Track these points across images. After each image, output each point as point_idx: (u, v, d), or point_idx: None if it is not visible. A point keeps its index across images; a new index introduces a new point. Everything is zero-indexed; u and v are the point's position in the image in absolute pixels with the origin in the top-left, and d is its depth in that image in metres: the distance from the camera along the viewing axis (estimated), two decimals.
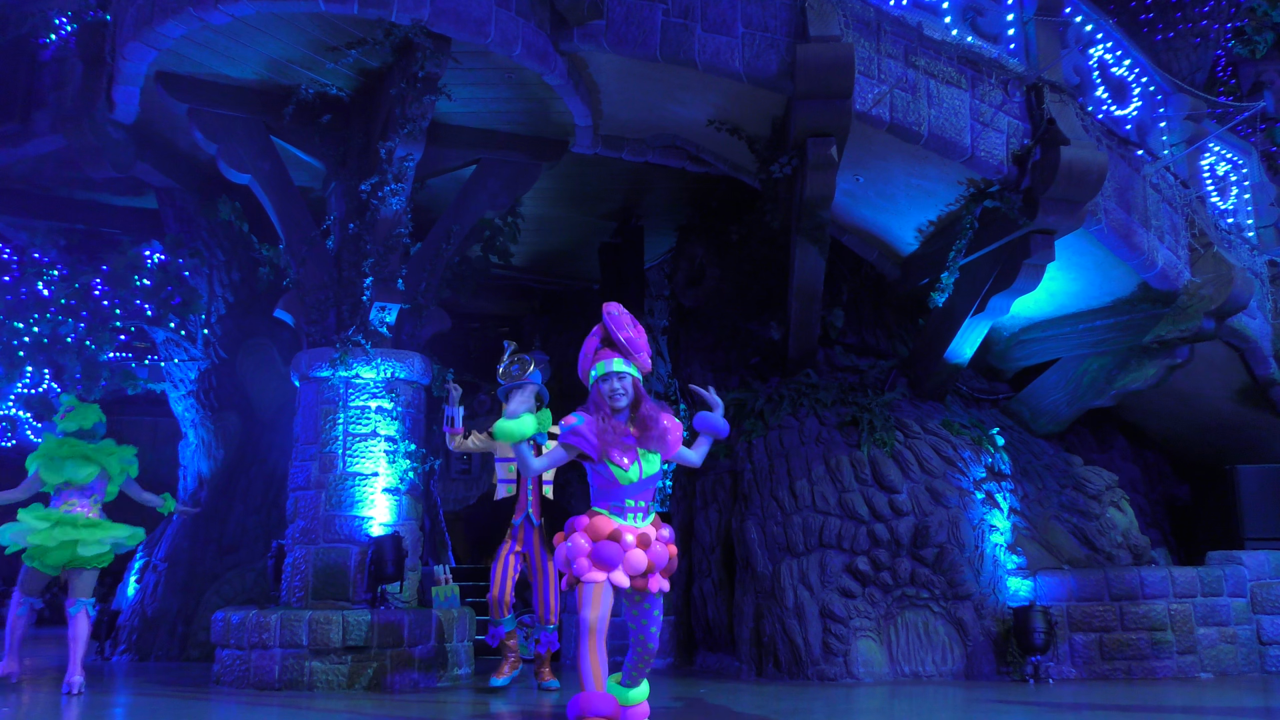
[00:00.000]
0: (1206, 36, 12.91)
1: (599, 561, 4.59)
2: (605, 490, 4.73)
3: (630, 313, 4.94)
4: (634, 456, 4.69)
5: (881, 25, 7.75)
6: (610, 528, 4.64)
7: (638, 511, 4.72)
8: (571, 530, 4.75)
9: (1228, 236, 9.46)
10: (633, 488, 4.69)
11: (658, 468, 4.80)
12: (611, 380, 4.73)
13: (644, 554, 4.64)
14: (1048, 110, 7.88)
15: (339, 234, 8.39)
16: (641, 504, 4.74)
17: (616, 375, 4.74)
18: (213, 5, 7.08)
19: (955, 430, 8.74)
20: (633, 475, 4.68)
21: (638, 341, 4.80)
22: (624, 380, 4.74)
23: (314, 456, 8.07)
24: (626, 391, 4.73)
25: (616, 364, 4.75)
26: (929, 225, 8.87)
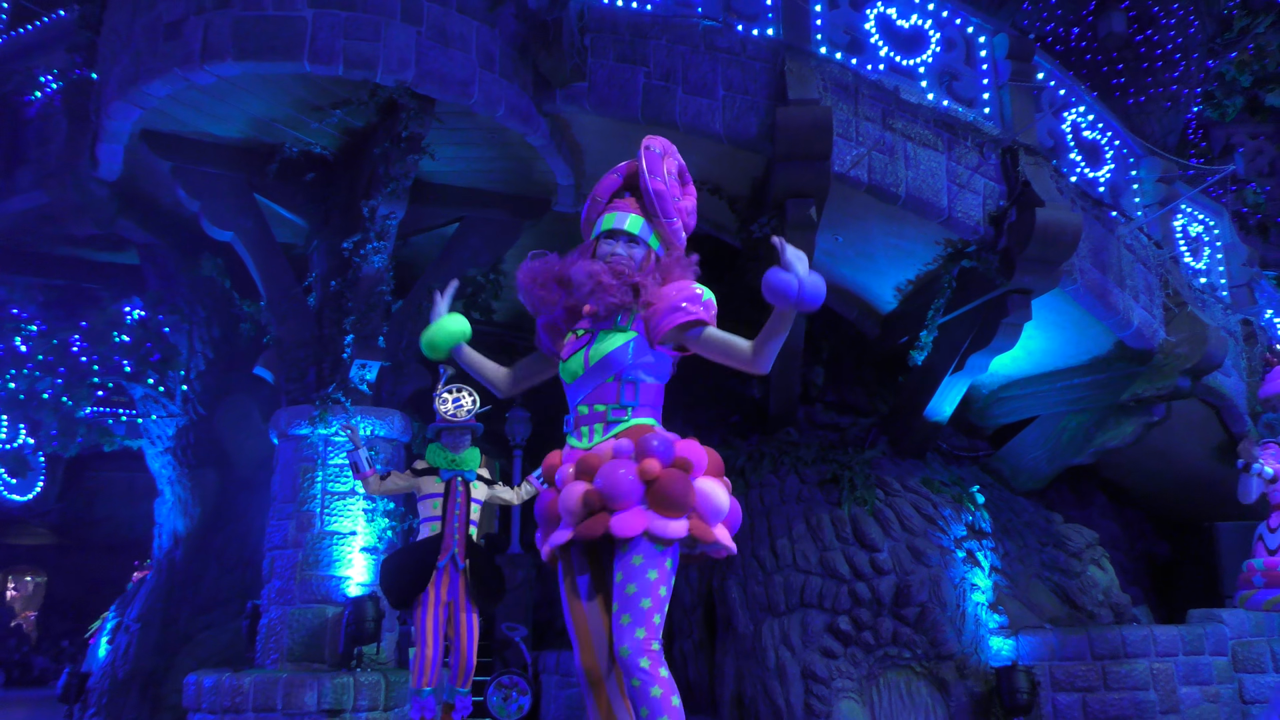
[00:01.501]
0: (1177, 100, 13.19)
1: (541, 523, 3.24)
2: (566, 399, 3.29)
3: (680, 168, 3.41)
4: (586, 339, 3.19)
5: (859, 89, 7.89)
6: (549, 463, 3.27)
7: (592, 422, 3.13)
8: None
9: (1201, 296, 9.58)
10: (578, 385, 3.18)
11: (617, 344, 3.13)
12: (615, 242, 3.22)
13: (575, 490, 3.01)
14: (1023, 172, 8.01)
15: (320, 291, 8.40)
16: (598, 408, 3.13)
17: (625, 238, 3.21)
18: (198, 65, 7.14)
19: (936, 488, 8.75)
20: (574, 365, 3.18)
21: (669, 197, 3.25)
22: (634, 248, 3.21)
23: (291, 515, 8.00)
24: (634, 260, 3.20)
25: (631, 221, 3.22)
26: (908, 284, 8.95)
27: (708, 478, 3.09)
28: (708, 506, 3.03)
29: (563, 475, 3.13)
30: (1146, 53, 12.80)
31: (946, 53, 8.62)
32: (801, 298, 2.83)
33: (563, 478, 3.13)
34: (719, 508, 3.05)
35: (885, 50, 8.38)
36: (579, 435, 3.16)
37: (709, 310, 3.11)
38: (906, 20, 8.52)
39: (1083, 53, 12.64)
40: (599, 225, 3.28)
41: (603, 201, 3.35)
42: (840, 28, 8.30)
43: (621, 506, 2.94)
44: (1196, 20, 12.88)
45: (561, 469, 3.16)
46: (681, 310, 3.08)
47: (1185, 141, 14.41)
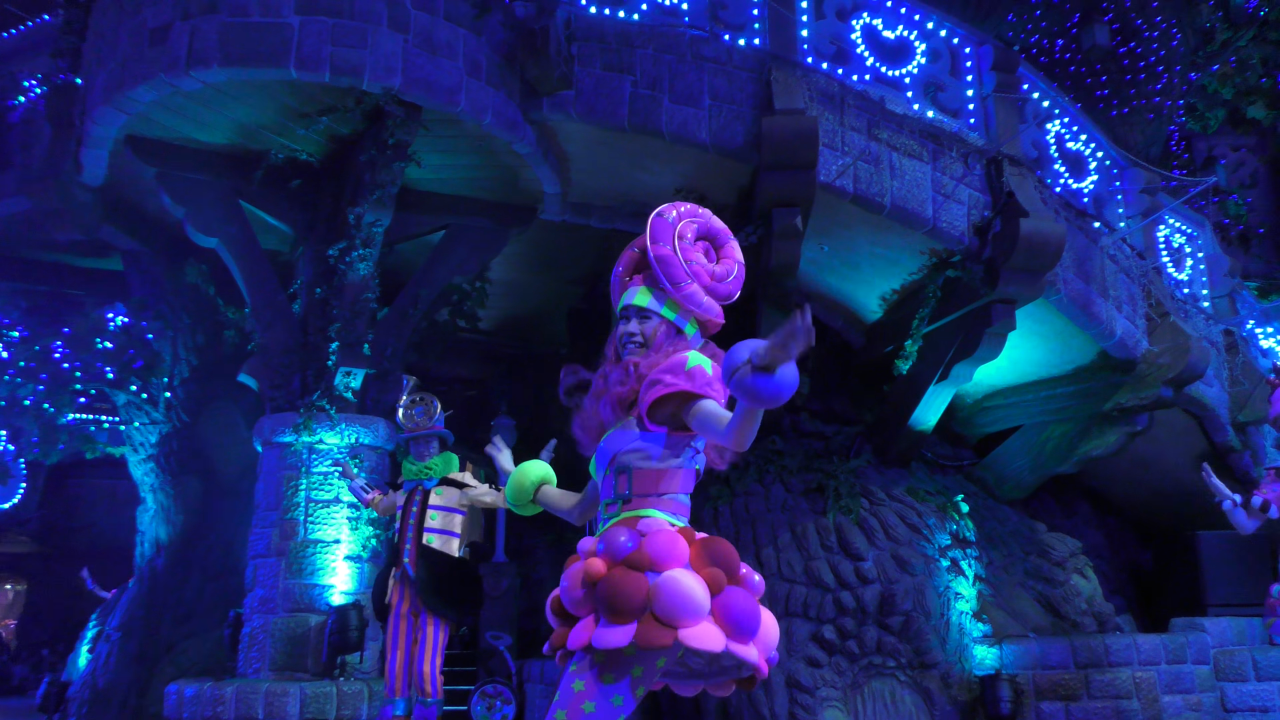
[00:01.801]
0: (1160, 112, 13.30)
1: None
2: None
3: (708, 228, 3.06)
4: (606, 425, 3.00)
5: (845, 99, 7.92)
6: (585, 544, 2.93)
7: (612, 505, 2.89)
8: None
9: (1184, 306, 9.65)
10: (598, 471, 2.99)
11: (608, 434, 2.96)
12: (629, 321, 2.97)
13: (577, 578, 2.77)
14: (1007, 183, 8.06)
15: (306, 298, 8.38)
16: (605, 503, 2.93)
17: (635, 313, 2.96)
18: (184, 71, 7.12)
19: (920, 497, 8.78)
20: (592, 467, 3.05)
21: (675, 263, 2.93)
22: (647, 323, 2.94)
23: (275, 523, 7.96)
24: (646, 337, 2.93)
25: (639, 295, 2.96)
26: (893, 294, 8.99)
27: (681, 570, 2.64)
28: (669, 604, 2.56)
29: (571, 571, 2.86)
30: (1130, 65, 12.90)
31: (932, 64, 8.68)
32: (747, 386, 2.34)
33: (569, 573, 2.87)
34: (688, 604, 2.57)
35: (871, 61, 8.42)
36: (601, 523, 2.90)
37: (696, 380, 2.72)
38: (892, 31, 8.57)
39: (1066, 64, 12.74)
40: (618, 303, 3.06)
41: (621, 279, 3.08)
42: (826, 38, 8.34)
43: (578, 613, 2.72)
44: (1179, 33, 12.99)
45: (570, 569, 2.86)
46: (661, 385, 2.72)
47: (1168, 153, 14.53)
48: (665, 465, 2.84)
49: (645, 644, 2.55)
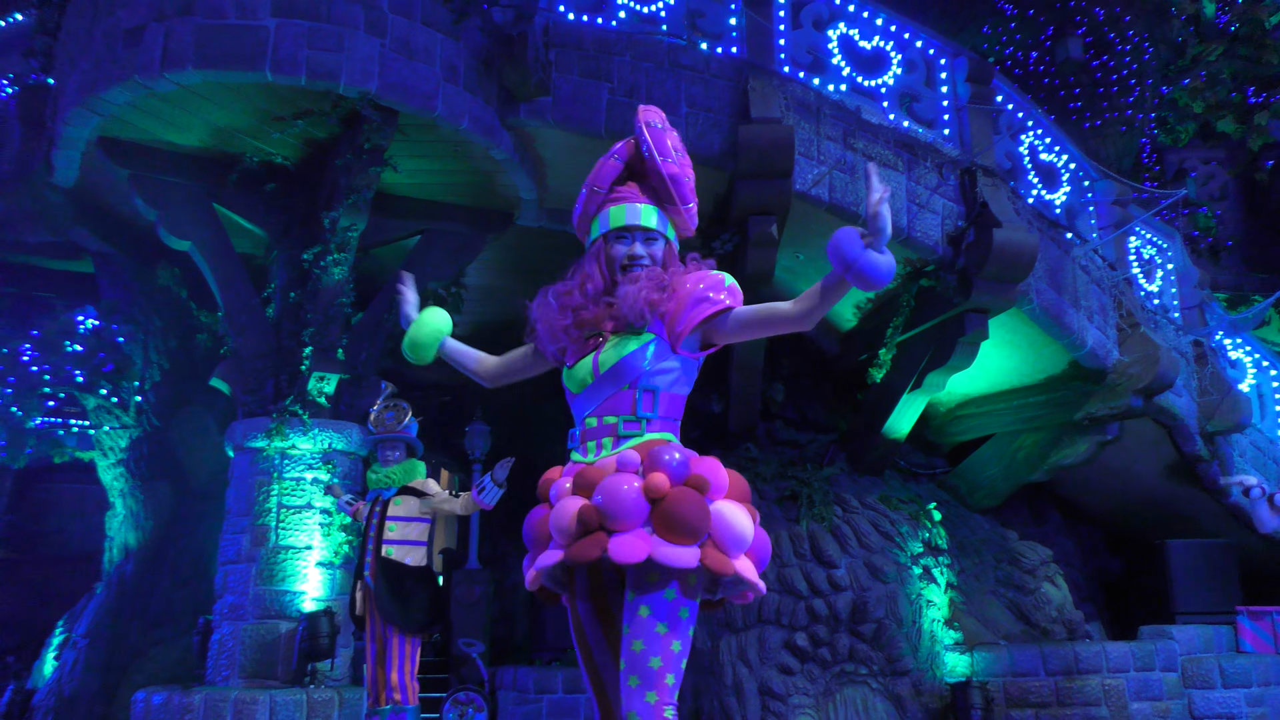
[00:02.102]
0: (1132, 125, 13.45)
1: (530, 545, 2.78)
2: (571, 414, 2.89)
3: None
4: (595, 344, 2.76)
5: (821, 109, 7.97)
6: (546, 479, 2.80)
7: (600, 436, 2.70)
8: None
9: (1154, 317, 9.75)
10: (586, 396, 2.75)
11: (632, 348, 2.70)
12: (631, 241, 2.79)
13: (568, 507, 2.57)
14: (981, 194, 8.13)
15: (280, 302, 8.32)
16: (609, 420, 2.69)
17: (642, 234, 2.80)
18: (158, 73, 7.06)
19: (893, 505, 8.82)
20: (581, 373, 2.76)
21: (684, 179, 2.84)
22: (653, 245, 2.81)
23: (246, 529, 7.90)
24: (654, 258, 2.81)
25: (645, 214, 2.79)
26: (867, 303, 9.04)
27: (728, 501, 2.61)
28: (727, 533, 2.52)
29: (558, 490, 2.68)
30: (1103, 78, 13.05)
31: (907, 74, 8.74)
32: (861, 269, 2.39)
33: (558, 493, 2.67)
34: (740, 535, 2.55)
35: (847, 71, 8.48)
36: (584, 450, 2.71)
37: (735, 296, 2.72)
38: (869, 42, 8.62)
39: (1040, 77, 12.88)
40: (605, 220, 2.82)
41: (603, 191, 2.85)
42: (803, 48, 8.39)
43: (622, 527, 2.47)
44: (1151, 47, 13.16)
45: (558, 484, 2.70)
46: (708, 301, 2.65)
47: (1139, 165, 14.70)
48: (683, 392, 2.80)
49: (714, 568, 2.49)
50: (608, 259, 2.82)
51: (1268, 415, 10.94)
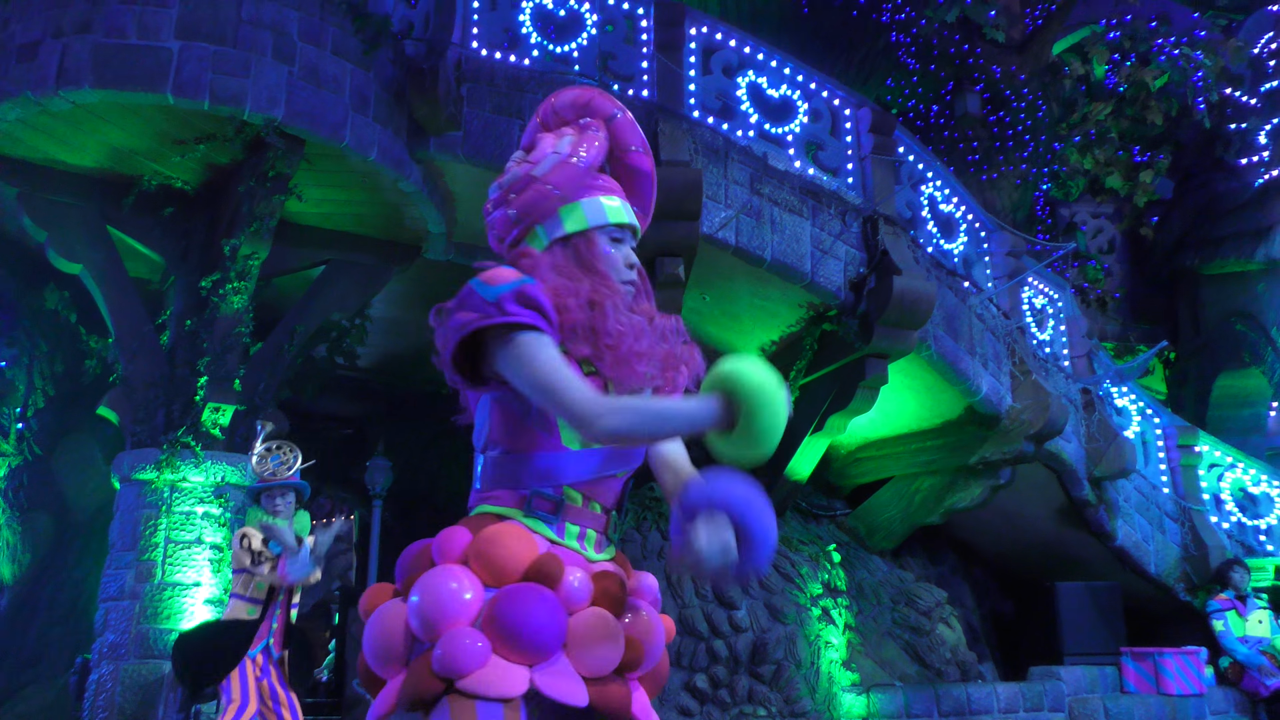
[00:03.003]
0: (1026, 178, 13.97)
1: (508, 640, 1.91)
2: (523, 464, 2.06)
3: None
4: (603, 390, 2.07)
5: (729, 153, 8.09)
6: (532, 553, 2.00)
7: (588, 525, 2.10)
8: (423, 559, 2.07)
9: (1045, 365, 10.09)
10: (589, 461, 2.08)
11: None
12: (622, 244, 2.20)
13: (613, 623, 2.02)
14: (882, 241, 8.33)
15: (175, 330, 8.08)
16: (595, 509, 2.12)
17: (631, 236, 2.24)
18: (53, 90, 6.84)
19: (794, 546, 8.91)
20: None
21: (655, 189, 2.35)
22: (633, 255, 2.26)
23: (130, 564, 7.59)
24: (639, 275, 2.24)
25: (628, 213, 2.22)
26: (772, 345, 9.16)
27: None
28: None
29: (571, 594, 1.99)
30: (999, 133, 13.54)
31: (813, 123, 8.94)
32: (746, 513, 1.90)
33: (572, 596, 1.99)
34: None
35: (755, 118, 8.64)
36: (561, 530, 2.05)
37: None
38: (776, 90, 8.81)
39: (940, 130, 13.31)
40: (597, 211, 2.15)
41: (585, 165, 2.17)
42: (713, 93, 8.52)
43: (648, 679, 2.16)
44: (1044, 105, 13.71)
45: (567, 578, 2.00)
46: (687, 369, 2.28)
47: (1033, 218, 15.26)
48: None
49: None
50: (594, 256, 2.12)
51: (1151, 462, 11.38)
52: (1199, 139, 16.08)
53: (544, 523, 2.05)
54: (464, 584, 1.96)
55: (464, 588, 1.95)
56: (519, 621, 1.91)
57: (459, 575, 1.97)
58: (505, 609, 1.91)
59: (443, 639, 1.89)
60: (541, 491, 2.06)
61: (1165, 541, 10.90)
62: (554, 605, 1.95)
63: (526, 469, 2.06)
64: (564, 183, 2.15)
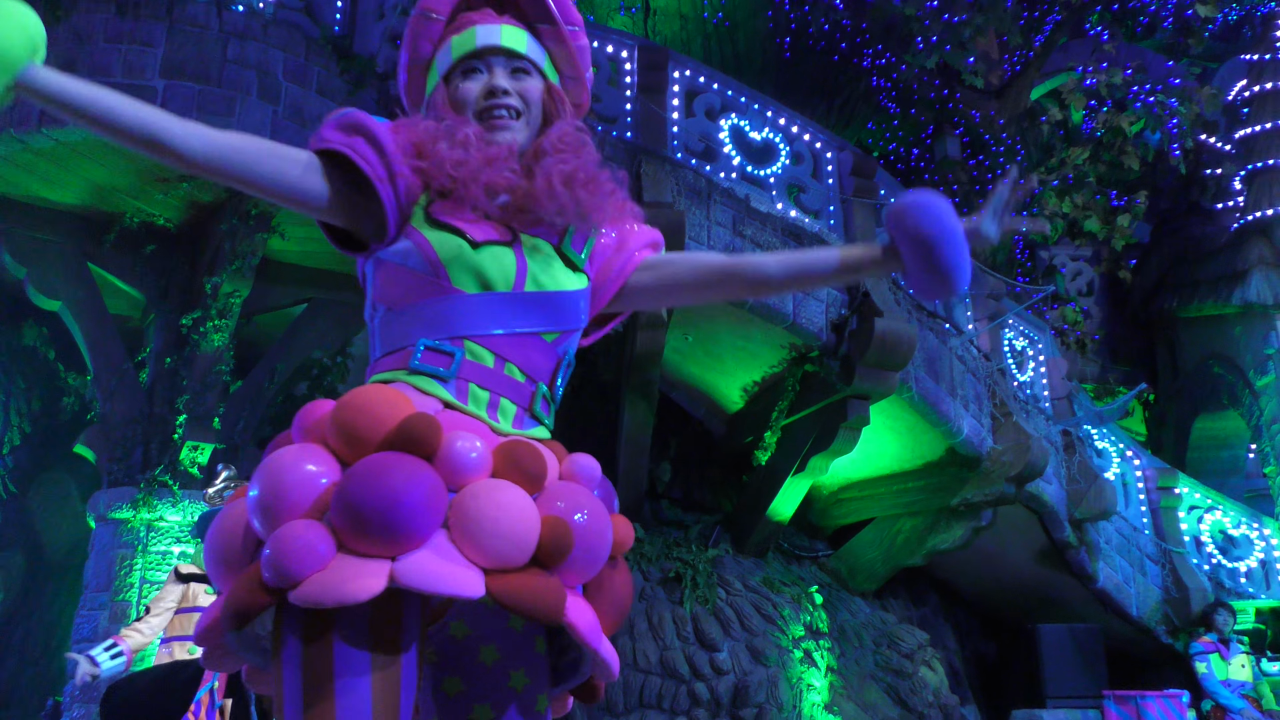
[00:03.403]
0: None
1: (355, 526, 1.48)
2: (409, 317, 1.74)
3: None
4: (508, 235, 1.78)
5: (712, 195, 8.15)
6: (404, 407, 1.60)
7: (503, 393, 1.73)
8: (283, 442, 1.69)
9: (1026, 407, 10.12)
10: (495, 308, 1.74)
11: (578, 288, 1.85)
12: (487, 72, 1.86)
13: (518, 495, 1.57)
14: (863, 283, 8.37)
15: (154, 368, 8.05)
16: (516, 376, 1.75)
17: (502, 58, 1.87)
18: (36, 128, 6.85)
19: (776, 588, 8.87)
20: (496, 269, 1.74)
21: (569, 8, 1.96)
22: (524, 81, 1.88)
23: (104, 605, 7.49)
24: (528, 102, 1.87)
25: (509, 34, 1.88)
26: (753, 385, 9.17)
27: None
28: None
29: (462, 456, 1.57)
30: (979, 175, 13.70)
31: (795, 166, 9.02)
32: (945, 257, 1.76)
33: (462, 460, 1.57)
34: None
35: (738, 160, 8.70)
36: (463, 394, 1.69)
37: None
38: (759, 133, 8.89)
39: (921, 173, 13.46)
40: (446, 54, 1.87)
41: (442, 18, 1.89)
42: (695, 135, 8.59)
43: (578, 580, 1.65)
44: (1022, 149, 13.89)
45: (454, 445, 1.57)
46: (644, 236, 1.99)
47: (1013, 260, 15.40)
48: None
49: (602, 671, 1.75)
50: (455, 107, 1.84)
51: (1131, 504, 11.41)
52: (1175, 184, 16.31)
53: (434, 380, 1.68)
54: (313, 464, 1.56)
55: (312, 469, 1.55)
56: (368, 498, 1.46)
57: (308, 454, 1.58)
58: (353, 486, 1.49)
59: (272, 536, 1.50)
60: (432, 343, 1.69)
61: (1147, 584, 10.91)
62: (420, 475, 1.51)
63: (415, 321, 1.72)
64: (409, 55, 1.93)
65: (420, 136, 1.76)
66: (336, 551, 1.48)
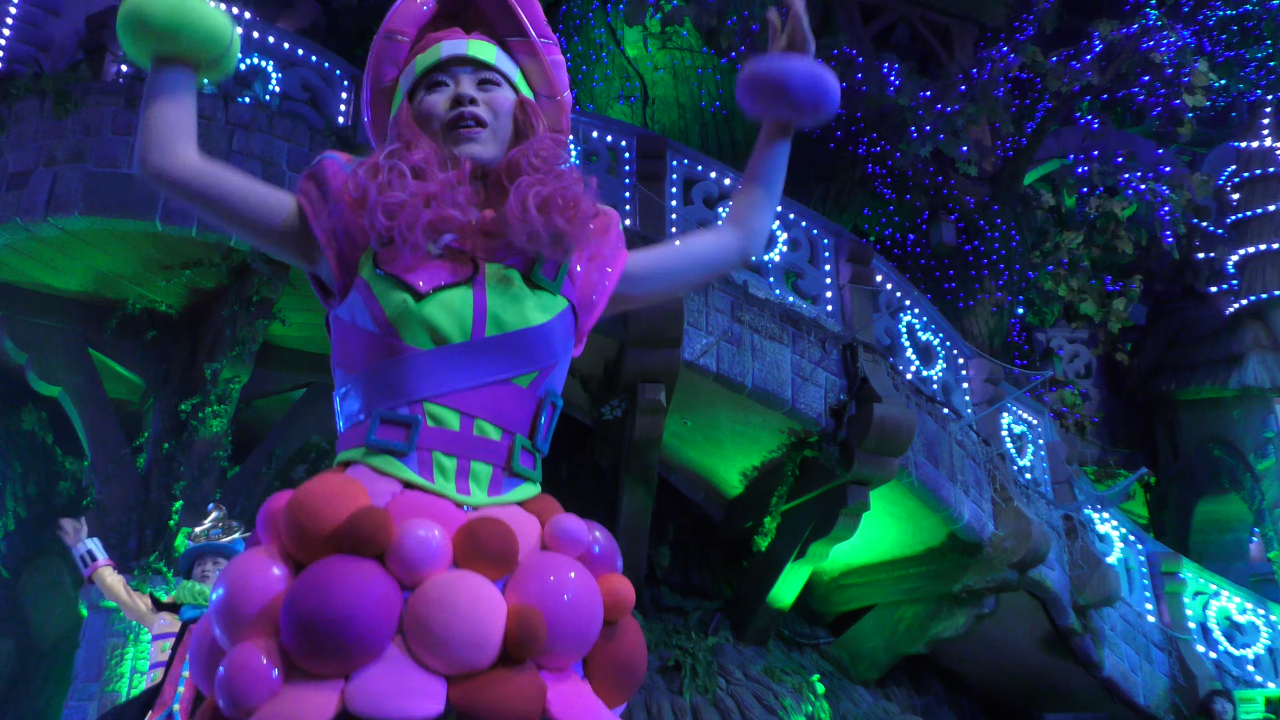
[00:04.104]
0: (1002, 305, 14.22)
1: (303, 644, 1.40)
2: (364, 384, 1.64)
3: None
4: (465, 274, 1.65)
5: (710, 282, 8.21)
6: (353, 500, 1.51)
7: (476, 455, 1.60)
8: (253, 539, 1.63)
9: (1026, 492, 10.08)
10: (454, 361, 1.61)
11: (551, 317, 1.71)
12: (457, 82, 1.77)
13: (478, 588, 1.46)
14: (862, 368, 8.40)
15: (152, 453, 8.02)
16: (490, 433, 1.62)
17: (469, 68, 1.79)
18: (42, 217, 6.94)
19: (777, 677, 8.73)
20: (447, 318, 1.61)
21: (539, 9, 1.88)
22: (492, 91, 1.78)
23: (94, 696, 7.36)
24: (497, 113, 1.76)
25: (476, 46, 1.80)
26: (753, 470, 9.14)
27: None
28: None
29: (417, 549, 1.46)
30: (974, 261, 13.84)
31: (792, 252, 9.12)
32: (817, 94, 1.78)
33: (417, 553, 1.45)
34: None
35: None
36: (427, 468, 1.57)
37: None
38: None
39: (917, 258, 13.60)
40: (411, 72, 1.80)
41: (407, 39, 1.81)
42: (694, 222, 8.71)
43: (565, 663, 1.53)
44: (1017, 234, 14.06)
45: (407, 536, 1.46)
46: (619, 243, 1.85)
47: (1010, 343, 15.48)
48: None
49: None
50: (419, 122, 1.74)
51: (1135, 589, 11.29)
52: (1169, 267, 16.48)
53: (391, 455, 1.56)
54: (265, 571, 1.49)
55: (264, 577, 1.48)
56: (313, 614, 1.39)
57: (261, 561, 1.50)
58: (299, 601, 1.41)
59: (225, 659, 1.44)
60: (387, 414, 1.57)
61: (1153, 671, 10.74)
62: (367, 583, 1.41)
63: (370, 388, 1.61)
64: (372, 75, 1.85)
65: (359, 179, 1.65)
66: (287, 677, 1.41)
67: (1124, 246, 15.00)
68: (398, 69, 1.82)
